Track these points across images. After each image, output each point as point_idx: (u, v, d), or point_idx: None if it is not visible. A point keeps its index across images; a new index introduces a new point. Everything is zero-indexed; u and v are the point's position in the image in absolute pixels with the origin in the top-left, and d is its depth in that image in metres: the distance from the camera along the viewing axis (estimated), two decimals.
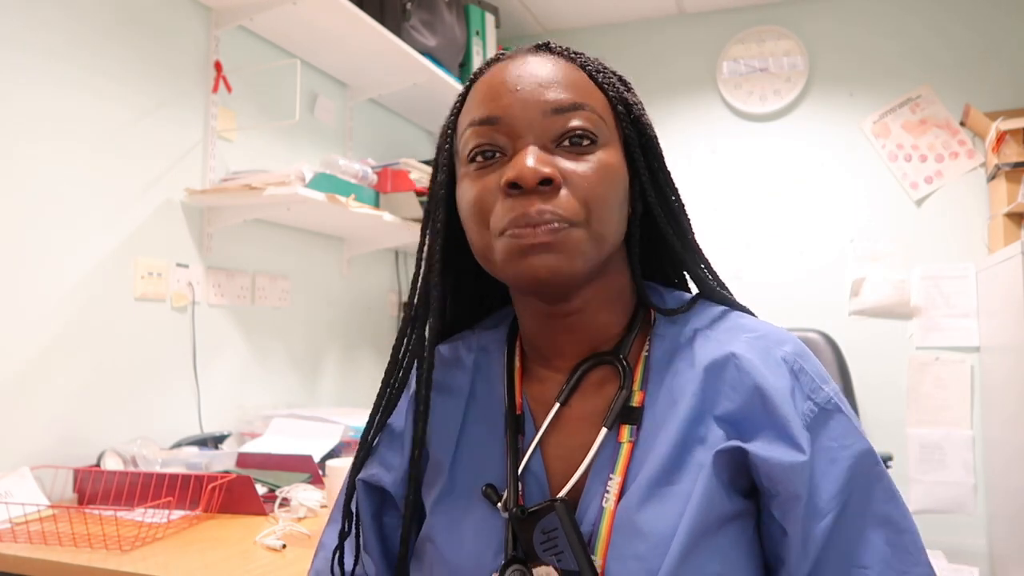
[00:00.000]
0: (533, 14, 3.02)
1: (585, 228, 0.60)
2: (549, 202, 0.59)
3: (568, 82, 0.63)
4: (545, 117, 0.62)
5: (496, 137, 0.63)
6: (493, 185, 0.62)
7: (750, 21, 2.91)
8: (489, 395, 0.72)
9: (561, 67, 0.65)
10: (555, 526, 0.61)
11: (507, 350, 0.73)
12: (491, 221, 0.62)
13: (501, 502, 0.64)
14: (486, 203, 0.62)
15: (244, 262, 2.01)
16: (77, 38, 1.55)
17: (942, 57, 2.67)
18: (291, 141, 2.19)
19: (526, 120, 0.62)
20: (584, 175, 0.61)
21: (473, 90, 0.67)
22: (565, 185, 0.60)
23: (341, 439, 1.74)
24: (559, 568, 0.60)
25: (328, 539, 0.75)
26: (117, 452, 1.53)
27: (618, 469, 0.62)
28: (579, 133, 0.62)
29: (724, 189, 2.88)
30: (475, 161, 0.64)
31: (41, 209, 1.48)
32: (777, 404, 0.60)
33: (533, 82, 0.63)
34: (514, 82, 0.63)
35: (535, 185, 0.59)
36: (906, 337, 2.61)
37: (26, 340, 1.45)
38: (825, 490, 0.59)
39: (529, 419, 0.68)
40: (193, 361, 1.82)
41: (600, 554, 0.60)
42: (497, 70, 0.65)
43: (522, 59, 0.65)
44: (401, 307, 2.73)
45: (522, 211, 0.59)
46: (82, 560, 1.10)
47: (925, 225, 2.65)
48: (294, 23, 1.99)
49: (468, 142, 0.64)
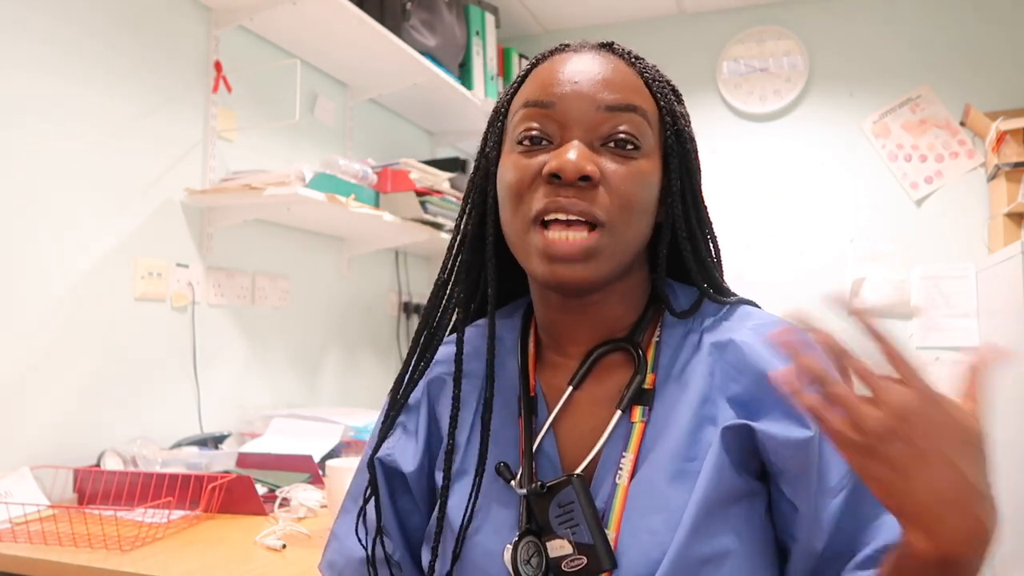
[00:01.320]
0: (533, 14, 3.02)
1: (610, 232, 0.63)
2: (585, 196, 0.62)
3: (624, 83, 0.66)
4: (597, 112, 0.64)
5: (547, 123, 0.65)
6: (535, 170, 0.64)
7: (750, 21, 2.91)
8: (503, 380, 0.73)
9: (620, 68, 0.67)
10: (571, 499, 0.63)
11: (522, 337, 0.75)
12: (525, 205, 0.64)
13: (515, 480, 0.67)
14: (525, 186, 0.64)
15: (244, 262, 2.01)
16: (77, 38, 1.55)
17: (942, 57, 2.67)
18: (291, 141, 2.19)
19: (579, 111, 0.64)
20: (622, 179, 0.63)
21: (533, 73, 0.69)
22: (603, 184, 0.63)
23: (341, 439, 1.74)
24: (573, 541, 0.62)
25: (340, 529, 0.76)
26: (117, 452, 1.53)
27: (631, 448, 0.65)
28: (624, 136, 0.64)
29: (724, 189, 2.88)
30: (522, 144, 0.66)
31: (41, 209, 1.48)
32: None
33: (592, 77, 0.65)
34: (573, 73, 0.65)
35: (575, 179, 0.61)
36: (906, 337, 2.61)
37: (26, 340, 1.45)
38: (836, 468, 0.60)
39: (542, 402, 0.71)
40: (193, 361, 1.82)
41: (613, 528, 0.62)
42: (559, 59, 0.68)
43: (585, 54, 0.67)
44: (401, 307, 2.73)
45: (556, 199, 0.62)
46: (82, 560, 1.10)
47: (925, 225, 2.65)
48: (294, 23, 1.99)
49: (520, 123, 0.66)
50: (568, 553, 0.62)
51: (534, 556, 0.64)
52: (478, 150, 0.73)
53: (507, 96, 0.71)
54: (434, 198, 2.21)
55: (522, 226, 0.65)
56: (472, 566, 0.66)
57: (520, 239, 0.65)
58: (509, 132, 0.68)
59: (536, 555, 0.64)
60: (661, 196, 0.68)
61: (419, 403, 0.75)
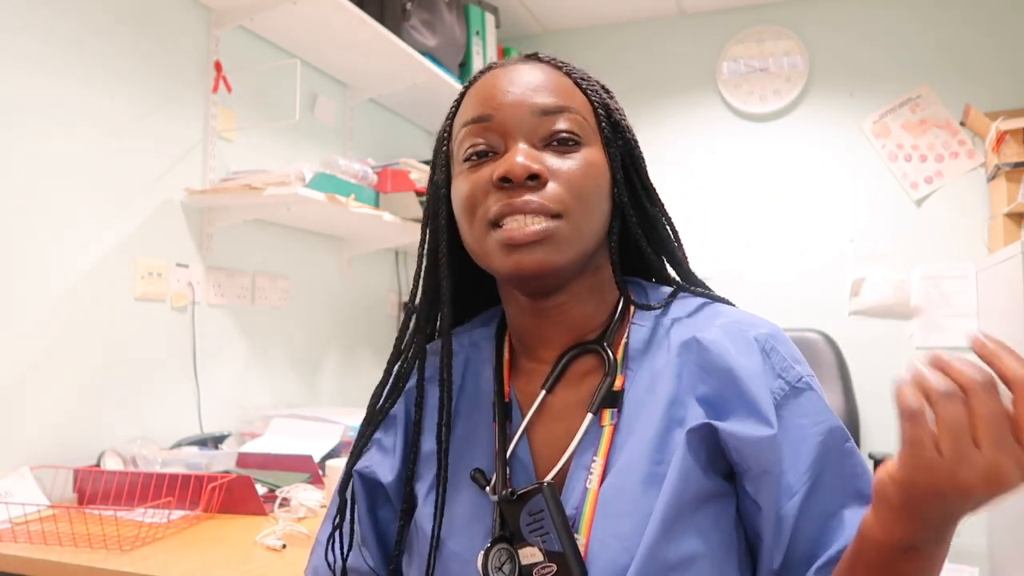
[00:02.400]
0: (533, 14, 3.02)
1: (568, 220, 0.64)
2: (536, 193, 0.64)
3: (555, 87, 0.68)
4: (534, 117, 0.66)
5: (489, 136, 0.67)
6: (485, 179, 0.66)
7: (750, 21, 2.91)
8: (477, 387, 0.75)
9: (549, 74, 0.69)
10: (541, 508, 0.63)
11: (496, 344, 0.76)
12: (480, 212, 0.66)
13: (489, 486, 0.67)
14: (478, 196, 0.66)
15: (244, 262, 2.01)
16: (77, 38, 1.55)
17: (942, 57, 2.67)
18: (291, 141, 2.19)
19: (516, 120, 0.66)
20: (569, 170, 0.65)
21: (468, 94, 0.71)
22: (551, 179, 0.65)
23: (341, 439, 1.74)
24: (544, 549, 0.62)
25: (324, 536, 0.77)
26: (117, 452, 1.53)
27: (600, 452, 0.65)
28: (564, 135, 0.66)
29: (724, 189, 2.88)
30: (469, 160, 0.68)
31: (41, 209, 1.48)
32: (746, 382, 0.62)
33: (523, 86, 0.68)
34: (506, 86, 0.68)
35: (524, 179, 0.63)
36: (906, 337, 2.61)
37: (26, 340, 1.45)
38: (796, 466, 0.61)
39: (516, 408, 0.71)
40: (193, 361, 1.82)
41: (584, 534, 0.62)
42: (490, 76, 0.70)
43: (513, 66, 0.70)
44: (401, 307, 2.73)
45: (510, 201, 0.63)
46: (82, 560, 1.10)
47: (925, 225, 2.65)
48: (294, 23, 1.99)
49: (463, 141, 0.68)
50: (539, 561, 0.62)
51: (506, 563, 0.64)
52: (428, 178, 0.75)
53: (447, 122, 0.73)
54: None
55: (480, 232, 0.66)
56: (447, 573, 0.67)
57: (480, 244, 0.66)
58: (455, 155, 0.70)
59: (508, 562, 0.64)
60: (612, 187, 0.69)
61: (397, 413, 0.76)
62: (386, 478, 0.74)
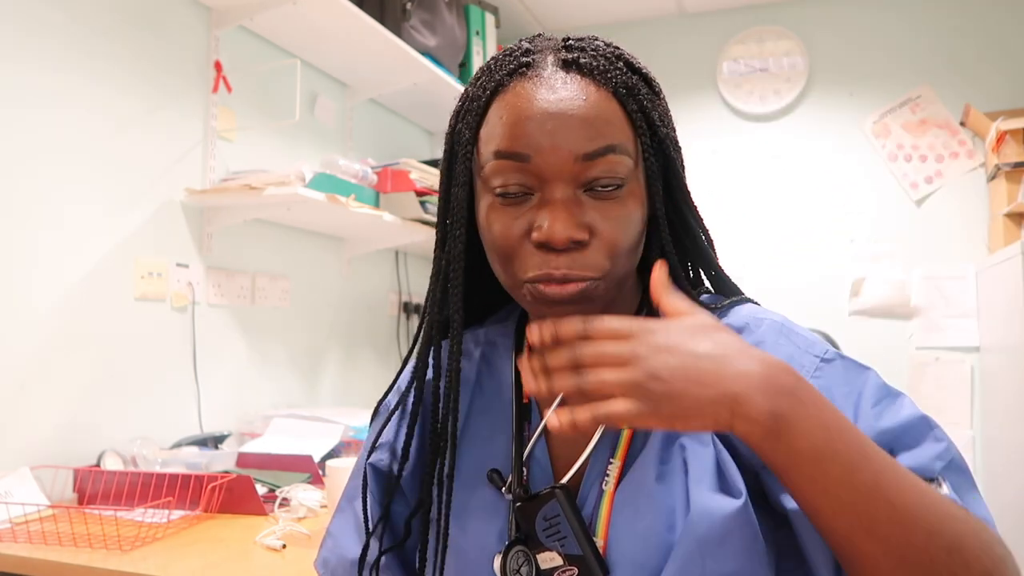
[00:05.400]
0: (533, 14, 3.02)
1: (605, 280, 0.62)
2: (576, 262, 0.61)
3: (601, 120, 0.61)
4: (576, 163, 0.60)
5: (524, 177, 0.62)
6: (521, 230, 0.62)
7: (750, 21, 2.91)
8: (494, 387, 0.73)
9: (592, 97, 0.62)
10: (557, 512, 0.62)
11: (516, 342, 0.74)
12: (515, 267, 0.63)
13: (505, 486, 0.66)
14: (512, 248, 0.63)
15: (244, 262, 2.01)
16: (77, 38, 1.55)
17: (942, 57, 2.67)
18: (291, 141, 2.19)
19: (557, 165, 0.60)
20: (611, 230, 0.62)
21: (497, 107, 0.64)
22: (592, 238, 0.61)
23: (341, 439, 1.74)
24: (563, 553, 0.62)
25: (336, 528, 0.77)
26: (117, 452, 1.53)
27: (618, 454, 0.64)
28: (607, 180, 0.61)
29: (724, 189, 2.88)
30: (500, 197, 0.63)
31: (41, 209, 1.48)
32: None
33: (565, 120, 0.61)
34: (545, 119, 0.61)
35: (565, 246, 0.60)
36: (906, 337, 2.61)
37: (26, 340, 1.45)
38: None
39: (535, 408, 0.70)
40: (193, 361, 1.82)
41: (601, 535, 0.62)
42: (525, 95, 0.62)
43: (552, 83, 0.62)
44: (401, 307, 2.73)
45: (548, 271, 0.61)
46: (82, 560, 1.10)
47: (925, 225, 2.65)
48: (294, 23, 1.99)
49: (494, 174, 0.63)
50: (559, 565, 0.62)
51: (524, 565, 0.63)
52: (441, 176, 0.70)
53: (469, 132, 0.65)
54: (434, 198, 2.21)
55: (512, 283, 0.64)
56: (462, 572, 0.66)
57: (511, 289, 0.65)
58: (482, 174, 0.64)
59: (526, 564, 0.63)
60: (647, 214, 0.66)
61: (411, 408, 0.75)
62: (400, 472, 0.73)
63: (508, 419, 0.71)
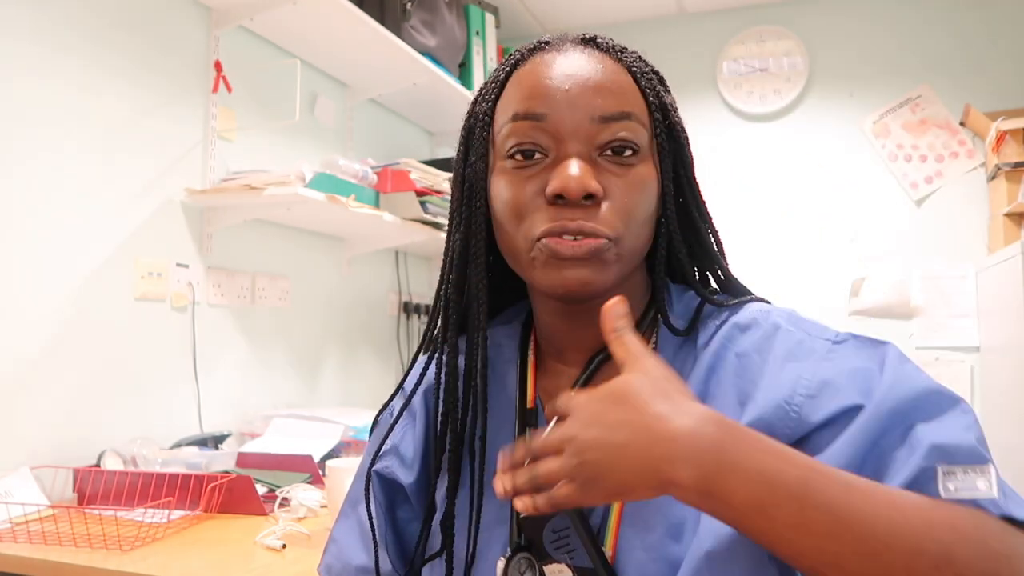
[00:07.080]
0: (533, 14, 3.02)
1: (617, 244, 0.61)
2: (591, 217, 0.60)
3: (617, 87, 0.63)
4: (592, 124, 0.61)
5: (539, 135, 0.62)
6: (534, 188, 0.62)
7: (750, 21, 2.91)
8: (499, 390, 0.72)
9: (609, 68, 0.64)
10: (566, 525, 0.61)
11: (521, 345, 0.73)
12: (527, 225, 0.62)
13: None
14: (524, 206, 0.62)
15: (244, 262, 2.01)
16: (76, 38, 1.55)
17: (942, 57, 2.67)
18: (291, 141, 2.19)
19: (573, 123, 0.61)
20: (625, 191, 0.61)
21: (516, 78, 0.65)
22: (606, 198, 0.61)
23: (341, 439, 1.74)
24: (573, 566, 0.61)
25: (339, 533, 0.76)
26: (117, 452, 1.53)
27: None
28: (623, 145, 0.62)
29: (724, 189, 2.88)
30: (514, 158, 0.63)
31: (41, 209, 1.48)
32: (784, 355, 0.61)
33: (582, 82, 0.62)
34: (562, 80, 0.62)
35: (579, 199, 0.59)
36: (906, 337, 2.61)
37: (26, 340, 1.45)
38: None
39: (542, 412, 0.69)
40: (193, 361, 1.82)
41: (610, 546, 0.61)
42: (543, 63, 0.64)
43: (570, 54, 0.64)
44: (401, 307, 2.73)
45: (563, 223, 0.60)
46: (82, 560, 1.10)
47: (925, 225, 2.65)
48: (294, 23, 1.99)
49: (509, 136, 0.63)
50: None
51: (527, 572, 0.63)
52: (458, 160, 0.70)
53: (488, 103, 0.67)
54: (434, 198, 2.21)
55: (524, 244, 0.63)
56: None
57: (520, 255, 0.63)
58: (497, 143, 0.65)
59: (529, 570, 0.63)
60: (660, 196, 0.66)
61: (417, 412, 0.74)
62: (406, 479, 0.72)
63: (511, 424, 0.70)
